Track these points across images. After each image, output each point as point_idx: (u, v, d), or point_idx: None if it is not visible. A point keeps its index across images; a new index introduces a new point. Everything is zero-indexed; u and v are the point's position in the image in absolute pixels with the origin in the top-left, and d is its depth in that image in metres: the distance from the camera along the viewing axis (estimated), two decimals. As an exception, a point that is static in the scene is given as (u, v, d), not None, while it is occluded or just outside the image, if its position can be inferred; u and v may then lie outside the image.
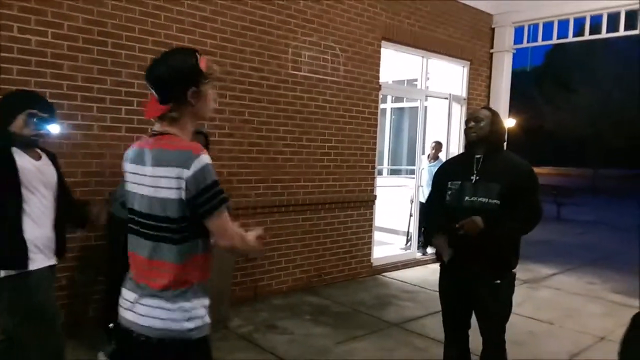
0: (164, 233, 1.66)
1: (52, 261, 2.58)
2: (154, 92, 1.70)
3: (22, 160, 2.41)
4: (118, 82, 4.20)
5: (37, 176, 2.46)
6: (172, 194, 1.62)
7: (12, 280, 2.40)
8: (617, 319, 4.92)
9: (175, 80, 1.66)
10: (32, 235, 2.43)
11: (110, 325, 3.86)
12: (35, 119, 2.42)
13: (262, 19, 5.09)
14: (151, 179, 1.66)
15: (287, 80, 5.34)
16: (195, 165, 1.60)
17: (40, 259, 2.46)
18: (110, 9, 4.12)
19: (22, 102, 2.47)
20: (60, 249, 2.62)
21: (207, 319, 1.73)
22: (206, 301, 1.74)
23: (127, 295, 1.77)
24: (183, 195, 1.61)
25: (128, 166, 1.78)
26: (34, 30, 3.77)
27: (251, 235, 1.77)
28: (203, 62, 1.70)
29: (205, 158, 1.62)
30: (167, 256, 1.66)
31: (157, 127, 1.74)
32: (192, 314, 1.68)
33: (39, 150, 2.55)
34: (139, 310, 1.70)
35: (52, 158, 2.64)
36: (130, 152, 1.79)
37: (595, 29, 7.24)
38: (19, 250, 2.39)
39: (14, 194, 2.37)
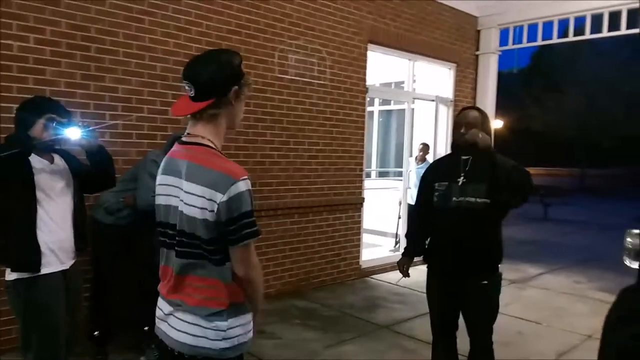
0: (195, 250, 1.61)
1: (66, 265, 2.59)
2: (192, 89, 1.63)
3: (37, 163, 2.46)
4: (102, 87, 4.16)
5: (51, 179, 2.51)
6: (203, 215, 1.57)
7: (23, 283, 2.44)
8: (604, 318, 4.95)
9: (224, 75, 1.63)
10: (46, 239, 2.47)
11: (96, 333, 3.83)
12: (54, 124, 2.47)
13: (248, 23, 5.08)
14: (185, 195, 1.60)
15: (273, 83, 5.34)
16: (232, 191, 1.54)
17: (53, 263, 2.49)
18: (93, 14, 4.09)
19: (42, 107, 2.53)
20: (80, 246, 2.68)
21: (243, 338, 1.70)
22: (243, 319, 1.70)
23: (161, 305, 1.73)
24: (213, 217, 1.56)
25: (159, 177, 1.73)
26: (16, 36, 3.73)
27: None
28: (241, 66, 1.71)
29: (243, 185, 1.56)
30: (201, 273, 1.63)
31: (190, 129, 1.68)
32: (227, 333, 1.64)
33: (52, 154, 2.59)
34: (172, 323, 1.67)
35: (68, 158, 2.67)
36: (163, 163, 1.74)
37: (580, 30, 7.33)
38: (32, 254, 2.42)
39: (29, 197, 2.42)
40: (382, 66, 7.53)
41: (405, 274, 3.13)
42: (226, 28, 4.92)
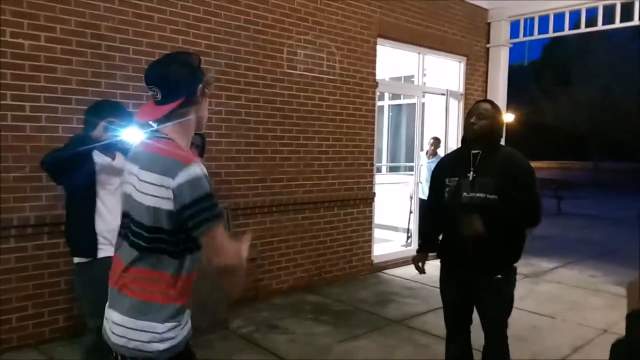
0: (146, 242, 1.60)
1: None
2: (158, 92, 1.63)
3: (99, 161, 2.76)
4: (113, 85, 4.18)
5: (110, 175, 2.79)
6: (158, 203, 1.55)
7: (83, 267, 2.77)
8: (619, 312, 4.89)
9: (189, 74, 1.65)
10: (102, 227, 2.75)
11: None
12: (113, 127, 2.70)
13: (257, 19, 5.07)
14: (140, 183, 1.60)
15: (282, 79, 5.32)
16: (183, 176, 1.52)
17: (108, 249, 2.72)
18: (102, 11, 4.10)
19: (103, 111, 2.78)
20: None
21: (178, 339, 1.65)
22: (181, 319, 1.66)
23: (110, 297, 1.71)
24: (170, 205, 1.54)
25: (127, 165, 1.75)
26: (27, 35, 3.75)
27: (243, 245, 1.67)
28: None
29: (194, 168, 1.54)
30: (151, 265, 1.60)
31: (157, 128, 1.69)
32: (162, 336, 1.61)
33: (116, 152, 2.85)
34: (112, 326, 1.65)
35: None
36: (130, 152, 1.79)
37: (592, 21, 7.23)
38: (90, 241, 2.72)
39: (90, 191, 2.73)
40: (392, 60, 7.50)
41: (421, 271, 3.11)
42: (234, 24, 4.91)
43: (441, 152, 7.30)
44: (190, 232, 1.56)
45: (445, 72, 7.71)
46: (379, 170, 8.30)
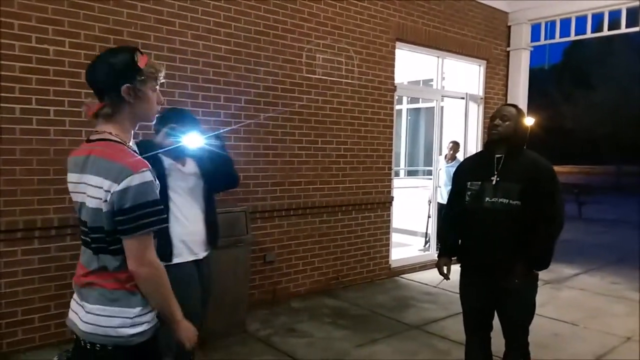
0: (101, 243, 1.63)
1: (199, 255, 2.85)
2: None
3: (169, 166, 2.80)
4: (135, 89, 4.23)
5: (181, 180, 2.84)
6: (100, 205, 1.59)
7: None
8: (643, 319, 4.81)
9: (108, 75, 1.62)
10: (178, 232, 2.75)
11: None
12: (174, 133, 2.75)
13: (276, 24, 5.11)
14: (87, 187, 1.62)
15: (301, 83, 5.35)
16: (126, 183, 1.54)
17: (184, 254, 2.79)
18: (125, 17, 4.17)
19: (167, 118, 2.83)
20: (212, 240, 2.95)
21: (150, 324, 1.69)
22: (127, 312, 1.66)
23: (75, 296, 1.75)
24: (107, 207, 1.57)
25: (68, 176, 1.74)
26: (52, 40, 3.84)
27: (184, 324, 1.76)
28: (143, 61, 1.67)
29: (139, 177, 1.56)
30: (105, 265, 1.64)
31: (97, 127, 1.70)
32: (134, 320, 1.64)
33: (186, 157, 2.88)
34: (84, 316, 1.67)
35: (200, 161, 2.89)
36: (69, 163, 1.75)
37: (615, 24, 7.12)
38: (165, 246, 2.66)
39: (162, 196, 2.66)
40: (411, 64, 7.47)
41: (446, 277, 3.06)
42: (254, 29, 4.95)
43: (460, 156, 7.25)
44: (120, 235, 1.59)
45: (464, 75, 7.66)
46: (397, 174, 8.27)
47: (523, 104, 7.78)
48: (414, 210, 7.89)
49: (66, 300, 3.94)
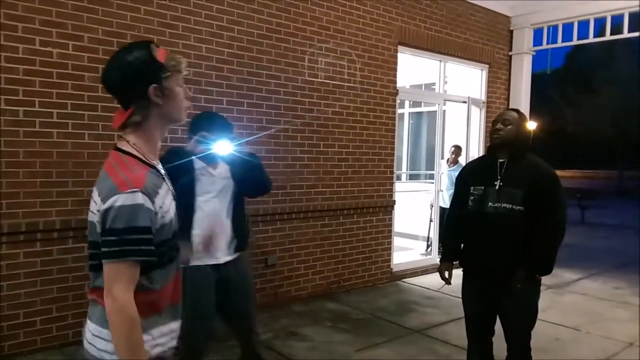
0: (93, 260, 1.50)
1: (220, 260, 2.86)
2: (114, 99, 1.53)
3: (200, 170, 2.85)
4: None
5: (210, 184, 2.87)
6: (92, 218, 1.47)
7: None
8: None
9: (129, 78, 1.45)
10: (199, 234, 2.79)
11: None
12: (204, 140, 2.77)
13: (279, 27, 5.12)
14: (92, 203, 1.49)
15: (304, 87, 5.36)
16: (109, 203, 1.39)
17: (203, 258, 2.82)
18: (129, 20, 4.19)
19: (197, 126, 2.86)
20: (239, 245, 2.97)
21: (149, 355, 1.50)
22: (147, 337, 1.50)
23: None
24: (99, 227, 1.44)
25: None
26: (56, 43, 3.85)
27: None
28: (162, 54, 1.49)
29: (122, 199, 1.39)
30: (99, 282, 1.48)
31: (122, 133, 1.55)
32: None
33: (219, 162, 2.90)
34: (87, 333, 1.56)
35: (233, 166, 2.92)
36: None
37: (617, 28, 7.11)
38: (186, 249, 2.63)
39: (190, 198, 2.78)
40: (413, 68, 7.47)
41: (447, 282, 3.07)
42: (257, 32, 4.96)
43: (462, 160, 7.25)
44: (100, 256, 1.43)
45: (466, 79, 7.66)
46: (399, 178, 8.26)
47: (525, 108, 7.77)
48: (415, 214, 7.89)
49: (67, 303, 3.98)
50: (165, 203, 1.53)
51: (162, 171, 1.62)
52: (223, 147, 2.78)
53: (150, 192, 1.46)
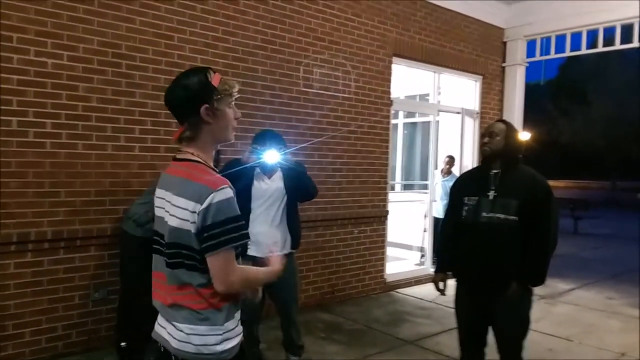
0: (182, 260, 1.65)
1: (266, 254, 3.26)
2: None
3: (257, 177, 3.46)
4: (132, 103, 4.26)
5: (263, 190, 3.46)
6: (184, 225, 1.62)
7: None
8: (638, 335, 4.80)
9: (186, 98, 1.66)
10: (251, 232, 3.06)
11: (123, 344, 3.88)
12: (256, 151, 3.33)
13: (274, 38, 5.15)
14: (172, 207, 1.66)
15: (298, 97, 5.38)
16: (208, 201, 1.58)
17: (253, 251, 3.32)
18: (124, 31, 4.20)
19: (253, 140, 3.51)
20: (291, 244, 3.61)
21: (215, 348, 1.68)
22: (218, 330, 1.69)
23: (160, 312, 1.77)
24: (194, 228, 1.61)
25: (156, 191, 1.79)
26: (50, 53, 3.85)
27: (265, 270, 1.85)
28: (216, 79, 1.69)
29: (220, 194, 1.60)
30: (188, 281, 1.65)
31: (182, 147, 1.74)
32: (224, 336, 1.69)
33: (275, 170, 3.53)
34: (171, 331, 1.68)
35: (287, 175, 3.53)
36: (159, 178, 1.82)
37: (609, 40, 7.20)
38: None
39: (246, 202, 3.35)
40: (407, 79, 7.52)
41: (442, 292, 3.07)
42: (252, 43, 4.99)
43: (456, 170, 7.27)
44: (204, 252, 1.61)
45: (460, 90, 7.71)
46: (392, 188, 8.28)
47: (519, 119, 7.83)
48: (409, 224, 7.88)
49: (58, 315, 3.95)
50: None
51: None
52: (271, 156, 3.28)
53: (232, 187, 1.69)
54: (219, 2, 4.75)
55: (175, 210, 1.64)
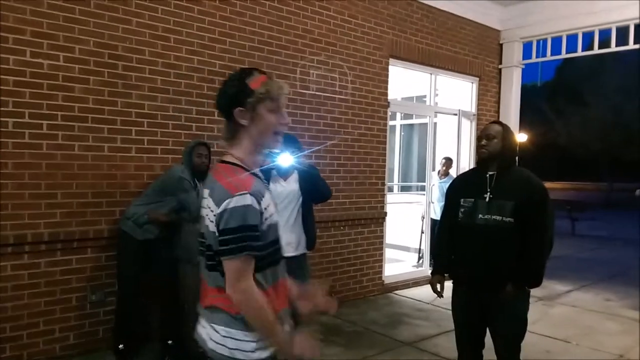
0: (210, 261, 1.66)
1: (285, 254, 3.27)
2: None
3: (273, 180, 3.43)
4: (128, 104, 4.25)
5: (279, 192, 3.42)
6: (213, 228, 1.62)
7: None
8: (635, 337, 4.81)
9: (224, 100, 1.68)
10: None
11: (120, 346, 3.87)
12: (270, 154, 3.13)
13: (270, 40, 5.15)
14: (207, 209, 1.67)
15: (295, 99, 5.37)
16: (225, 205, 1.57)
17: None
18: (121, 32, 4.19)
19: None
20: (306, 245, 3.62)
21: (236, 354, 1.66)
22: (240, 335, 1.66)
23: (200, 313, 1.78)
24: (215, 229, 1.61)
25: (204, 191, 1.78)
26: (46, 54, 3.84)
27: (293, 338, 1.71)
28: (257, 81, 1.67)
29: (236, 200, 1.57)
30: (221, 284, 1.64)
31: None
32: (259, 344, 1.65)
33: (292, 173, 3.52)
34: (210, 332, 1.69)
35: (303, 177, 3.52)
36: (207, 177, 1.82)
37: (605, 42, 7.22)
38: None
39: None
40: (404, 80, 7.52)
41: (439, 294, 3.05)
42: (249, 45, 4.98)
43: (453, 172, 7.28)
44: (219, 256, 1.61)
45: (457, 92, 7.73)
46: (390, 189, 8.28)
47: (515, 121, 7.85)
48: (407, 226, 7.89)
49: (55, 317, 3.93)
50: (270, 207, 1.70)
51: (264, 180, 1.79)
52: (285, 159, 3.31)
53: (257, 195, 1.63)
54: (216, 3, 4.74)
55: (208, 212, 1.66)
